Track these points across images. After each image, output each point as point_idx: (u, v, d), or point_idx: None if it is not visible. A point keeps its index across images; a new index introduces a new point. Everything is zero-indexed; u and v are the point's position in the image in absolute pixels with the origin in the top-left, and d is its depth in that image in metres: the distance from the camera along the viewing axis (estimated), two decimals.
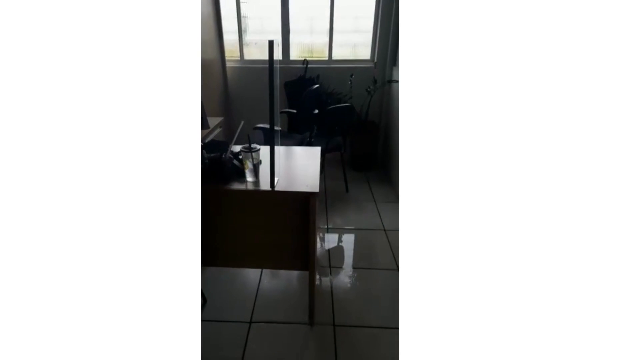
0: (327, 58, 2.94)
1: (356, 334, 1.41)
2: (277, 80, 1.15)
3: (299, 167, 1.44)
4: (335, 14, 2.78)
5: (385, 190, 2.64)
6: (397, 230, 2.11)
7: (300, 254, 1.34)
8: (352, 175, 2.83)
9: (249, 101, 2.98)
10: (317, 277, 1.71)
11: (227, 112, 2.99)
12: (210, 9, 2.54)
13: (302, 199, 1.23)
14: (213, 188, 1.25)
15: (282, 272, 1.75)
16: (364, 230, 2.13)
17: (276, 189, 1.23)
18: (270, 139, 1.22)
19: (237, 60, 2.97)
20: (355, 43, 2.94)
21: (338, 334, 1.41)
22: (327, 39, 2.88)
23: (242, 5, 2.81)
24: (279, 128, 2.28)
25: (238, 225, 1.34)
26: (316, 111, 2.41)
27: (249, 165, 1.30)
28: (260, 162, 1.32)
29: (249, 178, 1.31)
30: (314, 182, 1.27)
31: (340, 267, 1.80)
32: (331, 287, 1.66)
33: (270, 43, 1.08)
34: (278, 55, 2.93)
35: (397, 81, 2.61)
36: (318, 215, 1.75)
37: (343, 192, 2.60)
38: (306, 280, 1.53)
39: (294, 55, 2.95)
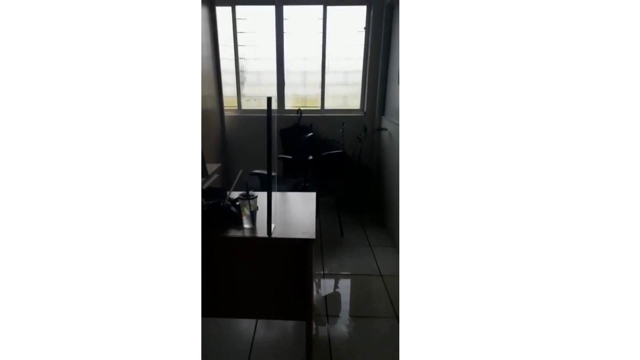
0: (319, 108, 3.12)
1: None
2: (275, 130, 1.23)
3: (295, 212, 1.47)
4: (327, 68, 3.01)
5: (380, 234, 2.65)
6: (394, 275, 2.09)
7: (296, 302, 1.32)
8: (347, 219, 2.85)
9: (245, 149, 3.09)
10: (314, 326, 1.65)
11: (225, 159, 3.07)
12: (211, 65, 2.73)
13: (299, 245, 1.25)
14: (210, 235, 1.26)
15: (278, 321, 1.69)
16: (360, 275, 2.10)
17: (273, 235, 1.24)
18: (267, 186, 1.26)
19: (234, 110, 3.13)
20: (345, 94, 3.15)
21: None
22: (319, 91, 3.08)
23: (240, 61, 3.03)
24: (275, 174, 2.34)
25: (233, 273, 1.33)
26: (310, 157, 2.50)
27: (246, 212, 1.32)
28: (257, 208, 1.35)
29: (246, 225, 1.32)
30: (310, 228, 1.29)
31: (338, 316, 1.75)
32: (329, 337, 1.60)
33: (269, 100, 1.17)
34: (274, 105, 3.10)
35: (386, 129, 2.76)
36: (314, 261, 1.75)
37: (338, 236, 2.60)
38: (303, 330, 1.48)
39: (289, 105, 3.13)
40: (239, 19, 2.92)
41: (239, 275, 1.32)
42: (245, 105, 3.15)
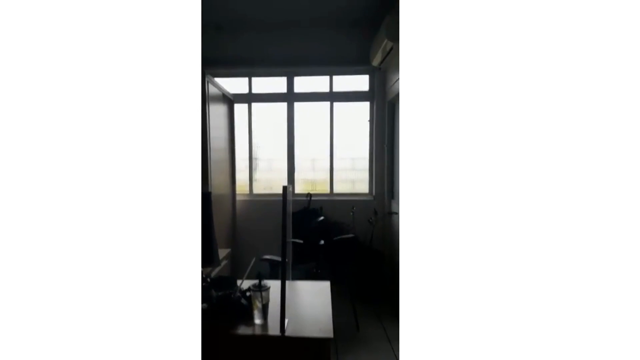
0: (329, 192, 3.20)
1: None
2: (290, 223, 1.23)
3: (308, 305, 1.37)
4: (335, 155, 3.19)
5: (398, 326, 2.41)
6: None
7: None
8: (362, 309, 2.64)
9: (256, 232, 3.07)
10: None
11: (235, 243, 3.03)
12: (226, 155, 2.92)
13: (315, 345, 1.13)
14: (218, 330, 1.16)
15: None
16: None
17: (286, 333, 1.14)
18: (282, 279, 1.21)
19: (246, 194, 3.22)
20: (353, 179, 3.26)
21: None
22: (328, 176, 3.21)
23: (253, 149, 3.25)
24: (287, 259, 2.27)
25: None
26: (322, 242, 2.45)
27: (257, 305, 1.24)
28: (269, 301, 1.27)
29: (257, 320, 1.22)
30: (327, 325, 1.19)
31: None
32: None
33: (284, 188, 1.21)
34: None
35: (397, 213, 2.76)
36: None
37: (353, 330, 2.37)
38: None
39: (299, 189, 3.22)
40: (254, 113, 3.24)
41: None
42: (256, 190, 3.25)
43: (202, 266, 1.45)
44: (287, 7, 2.62)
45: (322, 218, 2.61)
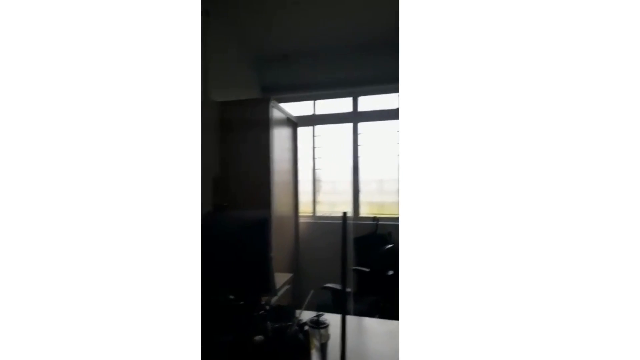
0: (398, 216, 2.95)
1: None
2: (351, 249, 1.08)
3: (374, 349, 1.17)
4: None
5: None
6: None
7: None
8: None
9: (319, 256, 2.96)
10: None
11: (297, 268, 2.96)
12: (290, 177, 2.92)
13: None
14: None
15: None
16: None
17: None
18: (342, 314, 1.05)
19: (309, 216, 3.15)
20: None
21: None
22: (396, 199, 2.97)
23: (316, 172, 3.21)
24: (350, 289, 2.09)
25: None
26: (391, 272, 2.21)
27: (315, 343, 1.09)
28: (328, 338, 1.11)
29: None
30: None
31: None
32: None
33: (344, 215, 1.07)
34: (348, 211, 3.05)
35: None
36: None
37: None
38: None
39: (364, 212, 3.04)
40: (316, 135, 3.22)
41: None
42: (319, 212, 3.17)
43: (259, 295, 1.37)
44: (340, 33, 2.60)
45: (391, 245, 2.37)
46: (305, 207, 3.15)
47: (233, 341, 1.14)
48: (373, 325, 1.37)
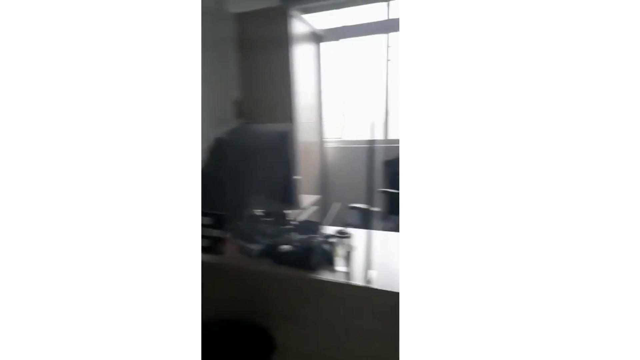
0: None
1: None
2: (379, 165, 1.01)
3: (398, 262, 1.17)
4: None
5: None
6: None
7: None
8: None
9: (346, 179, 2.95)
10: None
11: (325, 190, 2.99)
12: (315, 99, 2.76)
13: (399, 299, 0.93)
14: (297, 274, 1.08)
15: None
16: None
17: (373, 285, 0.97)
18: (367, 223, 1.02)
19: (337, 141, 3.07)
20: None
21: None
22: None
23: (343, 92, 3.00)
24: (378, 209, 2.08)
25: (319, 324, 1.09)
26: None
27: (340, 252, 1.11)
28: (352, 249, 1.12)
29: (340, 267, 1.10)
30: None
31: None
32: None
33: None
34: (379, 134, 2.92)
35: None
36: None
37: None
38: None
39: (394, 134, 2.89)
40: (342, 51, 2.93)
41: (326, 327, 1.08)
42: (347, 137, 3.06)
43: (282, 207, 1.38)
44: None
45: None
46: (331, 133, 3.05)
47: (261, 249, 1.19)
48: (398, 239, 1.36)
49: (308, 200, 2.12)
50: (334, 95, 3.01)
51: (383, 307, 0.97)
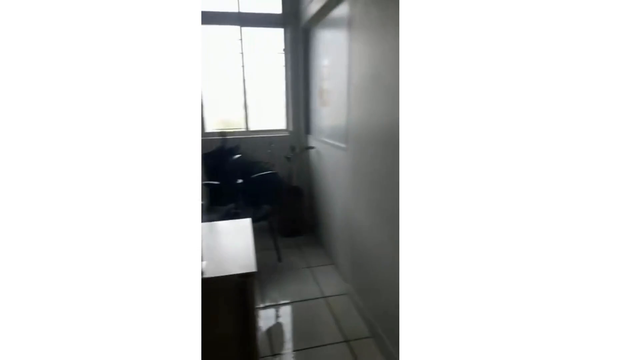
0: (244, 129, 2.99)
1: None
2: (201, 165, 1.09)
3: (227, 245, 1.32)
4: (248, 90, 2.92)
5: (317, 252, 2.60)
6: (337, 295, 2.04)
7: (238, 350, 1.15)
8: (283, 243, 2.73)
9: None
10: None
11: None
12: None
13: (238, 282, 1.10)
14: None
15: None
16: (303, 302, 2.00)
17: (205, 275, 1.08)
18: None
19: None
20: (269, 115, 3.10)
21: None
22: (243, 112, 2.97)
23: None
24: (203, 202, 2.12)
25: None
26: (240, 181, 2.34)
27: None
28: None
29: None
30: (248, 260, 1.16)
31: (282, 353, 1.61)
32: None
33: None
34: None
35: (314, 147, 2.77)
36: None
37: (275, 261, 2.46)
38: None
39: (210, 127, 2.93)
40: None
41: None
42: None
43: None
44: None
45: (238, 156, 2.45)
46: None
47: None
48: (227, 226, 1.50)
49: None
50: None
51: (215, 293, 1.10)
